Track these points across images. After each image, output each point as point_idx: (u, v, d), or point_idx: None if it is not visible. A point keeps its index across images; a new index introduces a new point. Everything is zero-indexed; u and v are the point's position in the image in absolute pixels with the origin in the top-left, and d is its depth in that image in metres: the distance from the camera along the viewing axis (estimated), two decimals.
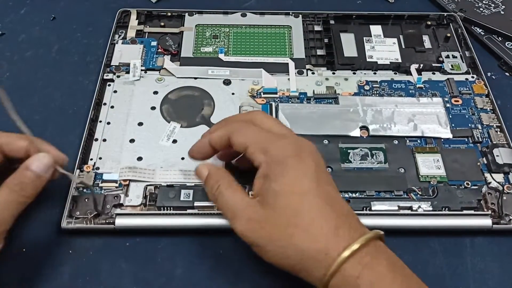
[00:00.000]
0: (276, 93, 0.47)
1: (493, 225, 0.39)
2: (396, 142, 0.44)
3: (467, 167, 0.42)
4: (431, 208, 0.39)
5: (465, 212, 0.39)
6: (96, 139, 0.44)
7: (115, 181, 0.41)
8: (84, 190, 0.40)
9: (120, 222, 0.38)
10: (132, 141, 0.44)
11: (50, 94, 0.45)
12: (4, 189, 0.32)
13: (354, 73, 0.49)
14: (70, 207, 0.39)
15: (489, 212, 0.39)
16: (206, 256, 0.38)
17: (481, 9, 0.56)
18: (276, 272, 0.36)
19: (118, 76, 0.48)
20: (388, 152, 0.43)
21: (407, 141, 0.44)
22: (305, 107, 0.46)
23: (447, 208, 0.40)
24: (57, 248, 0.37)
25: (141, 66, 0.49)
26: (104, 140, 0.44)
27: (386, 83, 0.48)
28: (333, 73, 0.49)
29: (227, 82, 0.48)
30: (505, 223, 0.39)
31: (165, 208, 0.39)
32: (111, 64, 0.49)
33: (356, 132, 0.44)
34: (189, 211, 0.39)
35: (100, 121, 0.45)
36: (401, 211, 0.39)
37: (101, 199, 0.39)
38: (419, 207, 0.40)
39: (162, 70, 0.49)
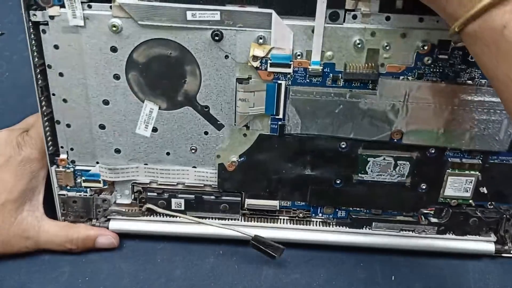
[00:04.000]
0: (289, 65, 0.32)
1: (496, 252, 0.38)
2: (432, 151, 0.35)
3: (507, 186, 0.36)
4: (435, 233, 0.38)
5: (468, 237, 0.38)
6: (58, 122, 0.35)
7: (98, 181, 0.37)
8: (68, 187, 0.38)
9: (114, 226, 0.39)
10: (102, 127, 0.35)
11: None
12: (66, 231, 0.37)
13: (421, 20, 0.31)
14: (61, 210, 0.38)
15: (493, 238, 0.38)
16: (205, 256, 0.40)
17: None
18: (275, 273, 0.40)
19: (52, 17, 0.32)
20: (417, 164, 0.35)
21: (447, 149, 0.35)
22: (326, 95, 0.33)
23: (452, 233, 0.38)
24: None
25: None
26: (68, 125, 0.36)
27: (460, 53, 0.32)
28: (387, 19, 0.31)
29: (218, 37, 0.32)
30: (507, 250, 0.38)
31: (157, 214, 0.38)
32: None
33: (386, 137, 0.34)
34: (180, 218, 0.38)
35: (54, 95, 0.35)
36: (402, 233, 0.38)
37: (89, 203, 0.38)
38: (423, 231, 0.38)
39: (114, 8, 0.31)
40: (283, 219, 0.38)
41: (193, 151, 0.36)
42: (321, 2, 0.30)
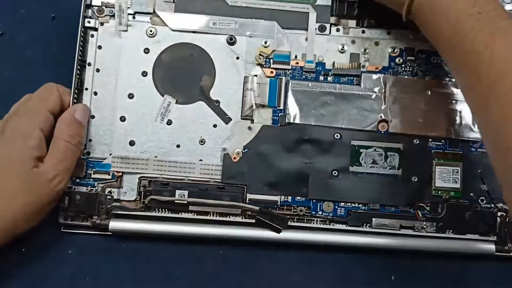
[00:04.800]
0: (288, 63, 0.40)
1: (496, 252, 0.38)
2: (416, 141, 0.39)
3: (490, 177, 0.38)
4: (434, 229, 0.38)
5: (468, 236, 0.38)
6: None
7: (108, 172, 0.39)
8: (77, 181, 0.39)
9: (114, 226, 0.38)
10: (123, 119, 0.40)
11: None
12: (60, 141, 0.36)
13: (389, 33, 0.40)
14: (63, 204, 0.38)
15: (494, 238, 0.38)
16: (205, 257, 0.39)
17: None
18: (275, 273, 0.38)
19: (102, 24, 0.40)
20: (405, 155, 0.39)
21: (430, 141, 0.39)
22: (320, 87, 0.40)
23: (451, 231, 0.38)
24: (57, 248, 0.38)
25: (128, 7, 0.40)
26: (93, 116, 0.40)
27: (424, 56, 0.40)
28: (363, 32, 0.40)
29: (231, 41, 0.40)
30: (507, 250, 0.38)
31: (159, 209, 0.38)
32: (93, 3, 0.40)
33: (374, 126, 0.39)
34: (183, 215, 0.38)
35: (86, 89, 0.40)
36: (402, 231, 0.38)
37: (93, 198, 0.38)
38: (422, 227, 0.38)
39: (153, 17, 0.40)
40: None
41: (201, 142, 0.39)
42: (312, 17, 0.40)
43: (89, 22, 0.40)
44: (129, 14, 0.40)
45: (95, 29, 0.40)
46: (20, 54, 0.42)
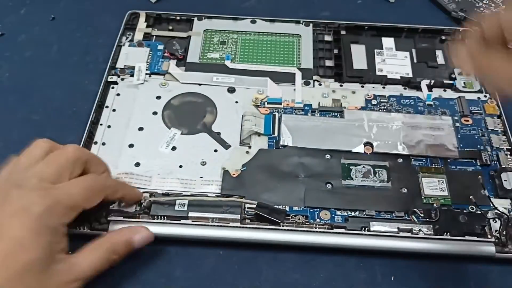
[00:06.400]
0: (280, 104, 0.46)
1: (496, 253, 0.37)
2: (400, 160, 0.42)
3: (473, 191, 0.41)
4: (432, 232, 0.38)
5: (467, 238, 0.38)
6: (96, 142, 0.43)
7: None
8: None
9: (114, 229, 0.37)
10: (131, 146, 0.43)
11: (49, 95, 0.44)
12: (101, 247, 0.34)
13: (362, 86, 0.48)
14: None
15: (493, 239, 0.38)
16: (206, 257, 0.37)
17: (481, 9, 0.55)
18: (275, 273, 0.36)
19: (122, 79, 0.48)
20: (392, 171, 0.42)
21: (412, 160, 0.43)
22: (309, 120, 0.45)
23: (448, 233, 0.38)
24: None
25: (146, 69, 0.49)
26: (104, 143, 0.43)
27: (394, 99, 0.47)
28: (341, 85, 0.48)
29: (231, 90, 0.47)
30: (508, 251, 0.37)
31: (159, 217, 0.39)
32: (116, 66, 0.49)
33: (360, 148, 0.43)
34: (183, 221, 0.38)
35: (101, 124, 0.45)
36: (401, 233, 0.38)
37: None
38: (420, 230, 0.38)
39: (166, 75, 0.49)
40: (282, 224, 0.39)
41: (202, 164, 0.42)
42: (298, 76, 0.49)
43: (111, 77, 0.48)
44: (146, 74, 0.49)
45: (116, 83, 0.48)
46: (20, 54, 0.42)
